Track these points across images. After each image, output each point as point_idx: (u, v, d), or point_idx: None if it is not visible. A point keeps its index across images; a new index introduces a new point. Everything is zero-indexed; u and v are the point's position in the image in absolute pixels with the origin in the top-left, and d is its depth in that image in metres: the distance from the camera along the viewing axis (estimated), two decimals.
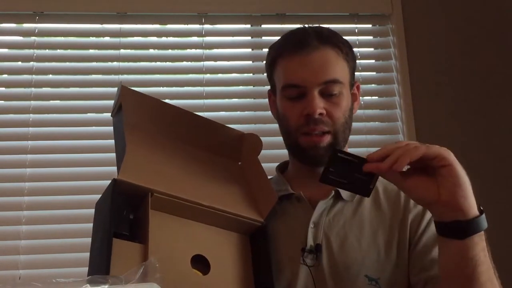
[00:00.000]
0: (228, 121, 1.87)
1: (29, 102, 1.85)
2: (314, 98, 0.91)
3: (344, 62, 0.96)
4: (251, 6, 1.98)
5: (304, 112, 0.93)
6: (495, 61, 2.02)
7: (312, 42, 0.94)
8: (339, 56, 0.95)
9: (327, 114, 0.93)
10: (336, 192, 0.97)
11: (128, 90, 0.89)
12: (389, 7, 2.02)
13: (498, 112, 1.98)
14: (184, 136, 0.93)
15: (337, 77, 0.93)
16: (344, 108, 0.95)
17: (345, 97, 0.96)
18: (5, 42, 1.92)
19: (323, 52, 0.94)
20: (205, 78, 1.93)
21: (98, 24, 1.95)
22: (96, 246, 0.75)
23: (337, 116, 0.94)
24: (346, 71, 0.97)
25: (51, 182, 1.79)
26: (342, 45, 0.97)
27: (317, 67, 0.92)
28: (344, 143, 0.98)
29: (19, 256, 1.71)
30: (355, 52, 2.01)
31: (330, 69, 0.93)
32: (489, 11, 2.06)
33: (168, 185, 0.80)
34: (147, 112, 0.90)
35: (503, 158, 1.94)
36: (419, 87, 1.97)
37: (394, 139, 1.94)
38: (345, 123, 0.96)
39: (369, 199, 0.98)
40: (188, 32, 1.99)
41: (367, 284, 0.88)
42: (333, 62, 0.94)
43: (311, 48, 0.93)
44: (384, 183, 1.03)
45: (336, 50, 0.95)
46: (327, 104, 0.93)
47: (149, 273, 0.58)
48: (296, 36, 0.98)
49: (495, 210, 1.88)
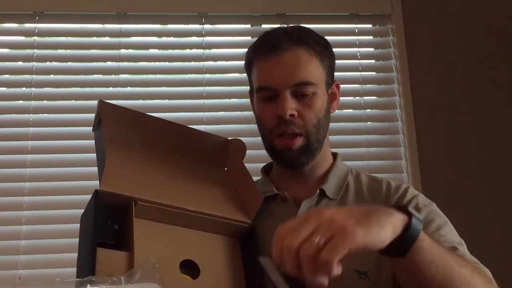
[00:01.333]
0: (228, 121, 1.90)
1: (29, 102, 1.85)
2: (285, 100, 0.92)
3: (318, 61, 0.95)
4: (251, 6, 1.99)
5: (276, 113, 0.93)
6: (495, 61, 2.02)
7: (283, 44, 0.93)
8: (311, 56, 0.94)
9: (298, 115, 0.93)
10: (321, 191, 0.98)
11: (107, 104, 0.90)
12: (389, 7, 2.02)
13: (498, 112, 1.98)
14: (166, 146, 0.94)
15: (309, 78, 0.93)
16: (318, 109, 0.95)
17: (319, 97, 0.95)
18: (5, 42, 1.92)
19: (294, 53, 0.93)
20: (205, 78, 1.93)
21: (98, 24, 1.95)
22: (81, 256, 0.75)
23: (309, 118, 0.94)
24: (320, 71, 0.96)
25: (51, 182, 1.79)
26: (315, 44, 0.96)
27: (288, 68, 0.92)
28: (318, 143, 0.97)
29: (19, 256, 1.71)
30: (355, 52, 2.04)
31: (301, 70, 0.93)
32: (489, 11, 2.06)
33: (151, 193, 0.80)
34: (127, 125, 0.91)
35: (503, 158, 1.94)
36: (419, 87, 1.97)
37: (394, 139, 1.94)
38: (318, 124, 0.95)
39: (353, 194, 0.99)
40: (188, 32, 1.99)
41: (356, 279, 0.87)
42: (305, 63, 0.93)
43: (282, 50, 0.93)
44: (368, 177, 1.05)
45: (308, 50, 0.94)
46: (299, 105, 0.93)
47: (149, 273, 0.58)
48: (268, 38, 0.98)
49: (495, 210, 1.89)
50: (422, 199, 0.97)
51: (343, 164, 1.06)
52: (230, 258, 0.87)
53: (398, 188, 0.99)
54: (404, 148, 1.92)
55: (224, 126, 1.89)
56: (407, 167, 1.89)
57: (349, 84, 1.97)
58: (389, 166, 1.92)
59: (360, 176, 1.04)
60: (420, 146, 1.90)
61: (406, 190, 0.99)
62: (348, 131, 1.94)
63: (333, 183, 1.00)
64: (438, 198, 2.00)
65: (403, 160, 1.92)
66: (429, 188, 1.85)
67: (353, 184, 1.02)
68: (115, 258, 0.72)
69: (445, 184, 1.89)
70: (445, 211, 0.99)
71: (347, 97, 1.96)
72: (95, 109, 0.90)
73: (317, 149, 0.97)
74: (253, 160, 1.14)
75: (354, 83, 1.97)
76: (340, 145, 1.90)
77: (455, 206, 1.86)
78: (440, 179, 1.89)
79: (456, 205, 1.86)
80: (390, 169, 1.92)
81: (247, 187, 0.95)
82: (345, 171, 1.04)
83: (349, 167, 1.07)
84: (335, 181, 1.00)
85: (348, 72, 1.99)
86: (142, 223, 0.78)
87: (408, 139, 1.91)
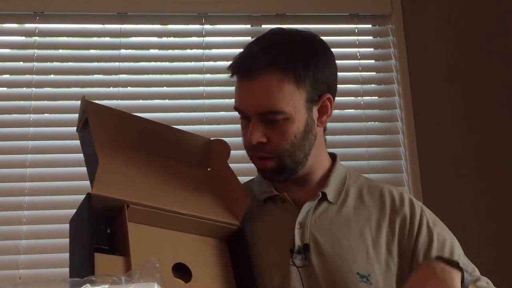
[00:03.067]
0: (228, 121, 1.90)
1: (30, 102, 1.85)
2: (253, 128, 0.90)
3: (291, 85, 0.89)
4: (251, 6, 1.99)
5: (247, 137, 0.92)
6: (495, 61, 2.02)
7: (256, 67, 0.90)
8: (283, 82, 0.89)
9: (268, 141, 0.91)
10: (323, 194, 0.97)
11: (92, 104, 0.88)
12: (389, 7, 2.02)
13: (498, 112, 1.98)
14: (152, 147, 0.93)
15: (276, 107, 0.89)
16: (290, 134, 0.91)
17: (294, 121, 0.91)
18: (6, 42, 1.92)
19: (264, 80, 0.89)
20: (205, 78, 1.93)
21: (99, 24, 1.95)
22: (75, 262, 0.74)
23: (279, 143, 0.91)
24: (294, 95, 0.90)
25: (51, 182, 1.79)
26: (290, 66, 0.90)
27: (258, 96, 0.90)
28: (296, 164, 0.94)
29: (19, 256, 1.71)
30: (355, 52, 2.04)
31: (270, 98, 0.89)
32: (489, 11, 2.06)
33: (143, 196, 0.80)
34: (114, 126, 0.90)
35: (503, 157, 1.94)
36: (419, 87, 1.97)
37: (394, 139, 1.94)
38: (291, 148, 0.92)
39: (353, 199, 0.99)
40: (188, 32, 1.99)
41: (358, 281, 0.89)
42: (276, 90, 0.89)
43: (254, 75, 0.90)
44: (367, 182, 1.05)
45: (281, 74, 0.89)
46: (268, 130, 0.91)
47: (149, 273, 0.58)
48: (243, 57, 0.96)
49: (495, 210, 1.89)
50: (428, 215, 1.00)
51: (341, 167, 1.05)
52: (220, 260, 0.87)
53: (402, 200, 1.00)
54: (404, 148, 1.92)
55: (224, 126, 1.90)
56: (407, 167, 1.90)
57: (349, 84, 1.97)
58: (389, 166, 1.93)
59: (358, 180, 1.04)
60: (420, 146, 1.90)
61: (412, 204, 1.00)
62: (348, 131, 1.94)
63: (334, 186, 1.00)
64: (438, 198, 2.02)
65: (403, 160, 1.92)
66: (429, 188, 1.85)
67: (352, 188, 1.02)
68: (113, 263, 0.72)
69: (445, 184, 1.89)
70: (445, 211, 1.00)
71: (347, 97, 1.97)
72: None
73: (296, 168, 0.95)
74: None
75: (354, 83, 1.97)
76: (340, 145, 1.90)
77: (455, 206, 1.86)
78: (439, 179, 1.89)
79: (456, 205, 1.87)
80: (390, 169, 1.92)
81: (233, 189, 0.94)
82: (344, 174, 1.04)
83: (347, 170, 1.06)
84: (336, 185, 1.00)
85: (348, 72, 1.99)
86: (135, 227, 0.77)
87: (408, 139, 1.91)
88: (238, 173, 0.98)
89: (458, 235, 0.99)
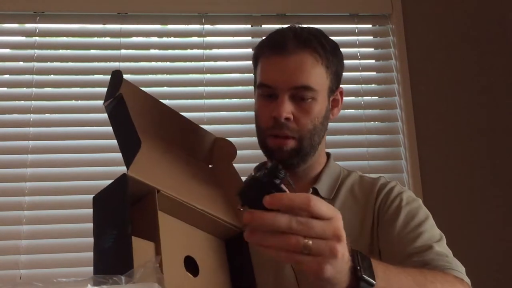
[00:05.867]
0: (228, 121, 1.90)
1: (30, 102, 1.85)
2: (283, 102, 0.92)
3: (322, 68, 0.95)
4: (251, 6, 1.99)
5: (272, 113, 0.93)
6: (495, 61, 2.02)
7: (289, 46, 0.93)
8: (317, 62, 0.94)
9: (294, 119, 0.93)
10: (314, 190, 0.98)
11: (127, 82, 0.87)
12: (389, 7, 2.02)
13: (498, 111, 1.98)
14: (171, 136, 0.92)
15: (310, 83, 0.93)
16: (315, 115, 0.94)
17: (318, 103, 0.95)
18: (6, 42, 1.92)
19: (299, 57, 0.93)
20: (206, 78, 1.93)
21: (99, 24, 1.95)
22: (106, 245, 0.71)
23: (304, 123, 0.93)
24: (323, 78, 0.96)
25: (51, 182, 1.79)
26: (323, 49, 0.95)
27: (291, 71, 0.92)
28: (311, 148, 0.97)
29: (19, 256, 1.71)
30: (355, 52, 2.04)
31: (303, 75, 0.92)
32: (489, 11, 2.06)
33: (168, 185, 0.80)
34: (148, 110, 0.89)
35: (503, 157, 1.94)
36: (419, 87, 1.97)
37: (394, 139, 1.95)
38: (313, 130, 0.95)
39: (344, 193, 1.00)
40: (189, 32, 1.99)
41: None
42: (308, 68, 0.93)
43: (288, 52, 0.93)
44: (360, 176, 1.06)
45: (314, 55, 0.94)
46: (296, 109, 0.93)
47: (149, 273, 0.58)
48: (277, 37, 0.98)
49: (495, 210, 1.89)
50: (407, 196, 0.98)
51: (335, 164, 1.07)
52: (220, 259, 0.87)
53: (385, 186, 1.00)
54: (404, 148, 1.92)
55: (224, 126, 1.90)
56: (407, 167, 1.90)
57: (349, 84, 1.97)
58: (389, 166, 1.93)
59: (352, 175, 1.05)
60: (420, 146, 1.90)
61: (392, 188, 0.99)
62: (348, 131, 1.94)
63: (326, 182, 1.01)
64: (438, 198, 2.01)
65: (403, 160, 1.92)
66: (429, 188, 1.85)
67: (345, 183, 1.03)
68: (148, 248, 0.71)
69: (445, 184, 1.89)
70: (445, 211, 1.00)
71: (347, 97, 1.96)
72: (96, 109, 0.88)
73: (310, 153, 0.97)
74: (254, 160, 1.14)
75: (354, 83, 1.97)
76: (340, 145, 1.90)
77: (455, 205, 1.86)
78: (440, 179, 1.89)
79: (456, 204, 1.87)
80: (390, 169, 1.92)
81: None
82: (338, 171, 1.05)
83: (341, 167, 1.08)
84: (328, 181, 1.01)
85: (348, 72, 1.98)
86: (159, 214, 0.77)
87: (408, 139, 1.91)
88: (239, 173, 0.98)
89: (458, 235, 0.99)
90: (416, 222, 0.91)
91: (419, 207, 0.96)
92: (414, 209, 0.95)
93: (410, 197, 0.98)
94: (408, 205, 0.95)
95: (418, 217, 0.93)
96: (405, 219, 0.92)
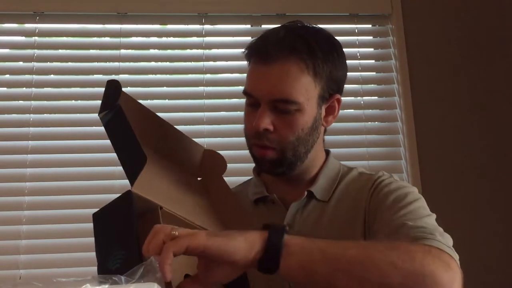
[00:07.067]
0: (228, 121, 1.90)
1: (30, 102, 1.85)
2: (262, 114, 0.88)
3: (309, 77, 0.89)
4: (251, 6, 1.99)
5: (253, 123, 0.89)
6: (495, 61, 2.02)
7: (272, 53, 0.88)
8: (301, 72, 0.88)
9: (275, 130, 0.89)
10: (309, 193, 0.96)
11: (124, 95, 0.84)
12: (389, 7, 2.02)
13: (498, 111, 1.98)
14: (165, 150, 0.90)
15: (291, 97, 0.87)
16: (299, 127, 0.89)
17: (304, 114, 0.89)
18: (6, 42, 1.92)
19: (283, 67, 0.87)
20: (205, 78, 1.93)
21: (99, 24, 1.95)
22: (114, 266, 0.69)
23: (285, 135, 0.89)
24: (310, 87, 0.89)
25: (51, 182, 1.79)
26: (310, 56, 0.88)
27: (273, 82, 0.87)
28: (297, 159, 0.92)
29: (19, 255, 1.71)
30: (355, 52, 2.04)
31: (284, 87, 0.87)
32: (489, 11, 2.06)
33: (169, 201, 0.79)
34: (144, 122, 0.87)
35: (503, 157, 1.94)
36: (419, 87, 1.97)
37: (394, 139, 1.95)
38: (296, 141, 0.90)
39: (341, 192, 0.97)
40: (188, 32, 1.99)
41: None
42: (290, 80, 0.87)
43: (271, 59, 0.88)
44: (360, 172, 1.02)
45: (300, 63, 0.88)
46: (277, 120, 0.89)
47: (149, 273, 0.58)
48: (263, 42, 0.92)
49: (495, 210, 1.89)
50: (398, 185, 0.93)
51: (334, 162, 1.03)
52: None
53: (378, 179, 0.96)
54: (404, 148, 1.92)
55: (224, 126, 1.89)
56: (407, 167, 1.90)
57: (349, 84, 1.95)
58: (389, 166, 1.93)
59: (352, 172, 1.02)
60: (420, 146, 1.90)
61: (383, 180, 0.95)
62: (348, 131, 1.94)
63: (322, 184, 0.98)
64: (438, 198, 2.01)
65: (403, 160, 1.92)
66: (429, 188, 1.85)
67: (344, 181, 0.99)
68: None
69: (445, 183, 1.89)
70: (445, 211, 0.99)
71: (347, 97, 1.96)
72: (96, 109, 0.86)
73: (295, 163, 0.93)
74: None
75: (354, 83, 1.97)
76: (340, 145, 1.90)
77: (455, 205, 1.86)
78: (439, 179, 1.89)
79: (456, 204, 1.87)
80: (390, 169, 1.92)
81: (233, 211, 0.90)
82: (337, 169, 1.02)
83: (341, 165, 1.04)
84: (325, 182, 0.98)
85: (348, 72, 1.97)
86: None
87: (408, 139, 1.91)
88: (238, 173, 0.97)
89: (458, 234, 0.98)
90: (406, 201, 0.87)
91: (408, 193, 0.91)
92: (408, 193, 0.90)
93: (403, 184, 0.95)
94: (400, 189, 0.91)
95: (405, 200, 0.88)
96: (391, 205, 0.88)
